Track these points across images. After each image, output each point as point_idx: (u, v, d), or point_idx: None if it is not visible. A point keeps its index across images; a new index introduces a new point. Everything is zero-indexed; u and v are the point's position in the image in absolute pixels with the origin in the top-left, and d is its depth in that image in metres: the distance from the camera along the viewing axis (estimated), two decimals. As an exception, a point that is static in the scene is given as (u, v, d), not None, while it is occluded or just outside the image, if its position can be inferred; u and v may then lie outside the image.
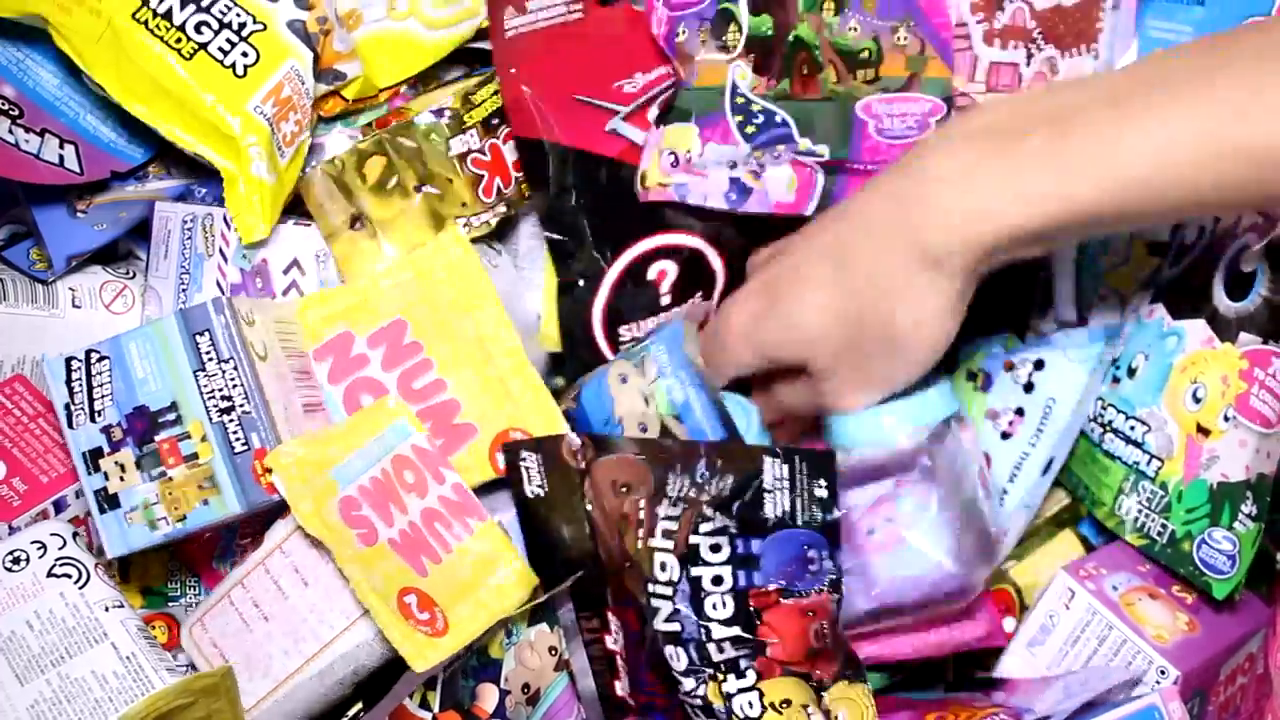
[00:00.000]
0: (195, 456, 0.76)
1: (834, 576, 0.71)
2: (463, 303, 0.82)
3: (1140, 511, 0.82)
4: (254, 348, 0.77)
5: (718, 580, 0.72)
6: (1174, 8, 0.83)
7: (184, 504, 0.76)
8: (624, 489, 0.75)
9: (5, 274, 0.91)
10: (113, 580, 0.80)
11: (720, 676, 0.71)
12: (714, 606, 0.72)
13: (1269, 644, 0.79)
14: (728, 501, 0.72)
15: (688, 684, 0.72)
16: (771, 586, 0.71)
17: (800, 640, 0.72)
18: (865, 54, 0.80)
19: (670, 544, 0.72)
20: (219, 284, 0.84)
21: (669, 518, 0.73)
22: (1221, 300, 0.80)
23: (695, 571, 0.72)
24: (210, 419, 0.76)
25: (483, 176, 0.85)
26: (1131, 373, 0.84)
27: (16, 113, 0.84)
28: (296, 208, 0.85)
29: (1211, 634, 0.80)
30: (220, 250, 0.84)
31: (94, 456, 0.77)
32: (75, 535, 0.80)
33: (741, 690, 0.71)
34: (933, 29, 0.80)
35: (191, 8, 0.79)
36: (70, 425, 0.78)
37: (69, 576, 0.78)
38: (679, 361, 0.76)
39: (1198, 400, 0.79)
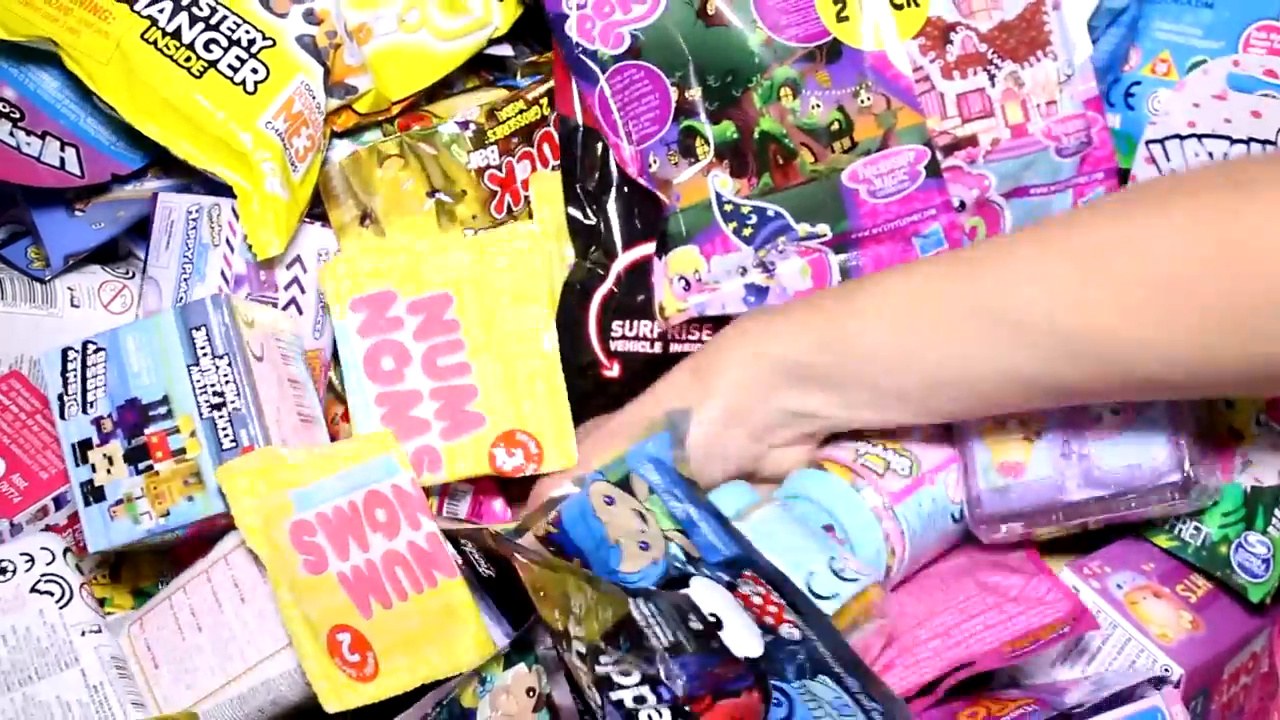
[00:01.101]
0: (183, 451, 0.74)
1: (758, 674, 0.69)
2: (514, 294, 0.80)
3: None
4: (250, 348, 0.75)
5: (640, 699, 0.72)
6: (1181, 10, 0.83)
7: (168, 499, 0.74)
8: (540, 594, 0.73)
9: (3, 273, 0.90)
10: (96, 603, 0.78)
11: None
12: (649, 718, 0.73)
13: (1274, 643, 0.77)
14: (613, 635, 0.70)
15: None
16: (701, 693, 0.72)
17: None
18: (835, 126, 0.79)
19: (584, 666, 0.70)
20: (223, 274, 0.82)
21: (578, 638, 0.71)
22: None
23: (615, 695, 0.70)
24: (200, 414, 0.74)
25: (496, 192, 0.85)
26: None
27: (17, 115, 0.83)
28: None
29: (1215, 633, 0.78)
30: (227, 240, 0.82)
31: (83, 448, 0.75)
32: (66, 551, 0.78)
33: None
34: (889, 81, 0.79)
35: (200, 26, 0.78)
36: (62, 416, 0.76)
37: (51, 594, 0.76)
38: (671, 480, 0.74)
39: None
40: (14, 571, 0.76)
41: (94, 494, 0.76)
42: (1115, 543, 0.84)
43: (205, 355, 0.74)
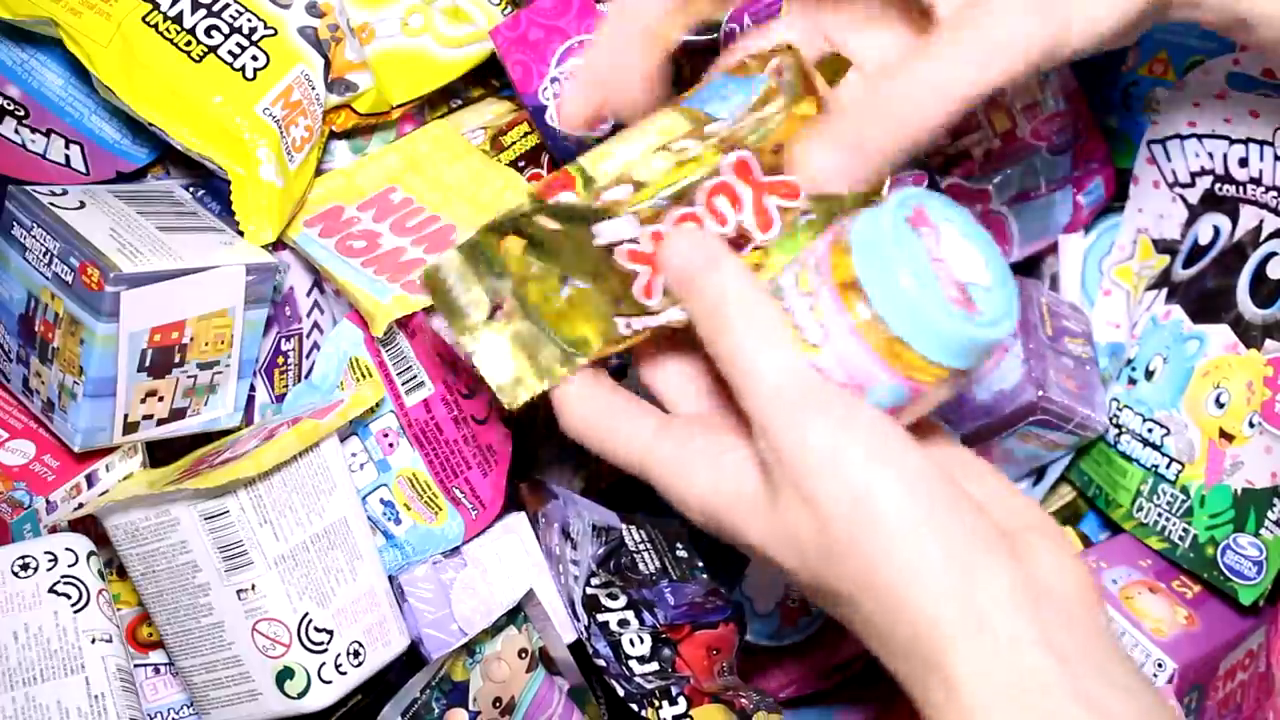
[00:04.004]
0: None
1: (735, 608, 0.72)
2: (448, 157, 0.81)
3: (1160, 515, 0.79)
4: None
5: (624, 623, 0.73)
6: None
7: None
8: (541, 518, 0.75)
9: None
10: (114, 611, 0.76)
11: (656, 702, 0.71)
12: (631, 644, 0.72)
13: (1270, 642, 0.76)
14: (606, 560, 0.72)
15: (634, 706, 0.72)
16: (681, 621, 0.72)
17: (707, 674, 0.72)
18: None
19: (576, 586, 0.73)
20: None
21: (573, 561, 0.73)
22: (1247, 306, 0.78)
23: (601, 617, 0.72)
24: None
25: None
26: (1149, 375, 0.81)
27: (22, 113, 0.80)
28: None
29: (1211, 629, 0.77)
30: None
31: None
32: (90, 555, 0.76)
33: (676, 717, 0.71)
34: None
35: (202, 12, 0.76)
36: None
37: (68, 597, 0.74)
38: None
39: (1220, 405, 0.77)
40: (35, 569, 0.75)
41: None
42: (1113, 539, 0.84)
43: None
